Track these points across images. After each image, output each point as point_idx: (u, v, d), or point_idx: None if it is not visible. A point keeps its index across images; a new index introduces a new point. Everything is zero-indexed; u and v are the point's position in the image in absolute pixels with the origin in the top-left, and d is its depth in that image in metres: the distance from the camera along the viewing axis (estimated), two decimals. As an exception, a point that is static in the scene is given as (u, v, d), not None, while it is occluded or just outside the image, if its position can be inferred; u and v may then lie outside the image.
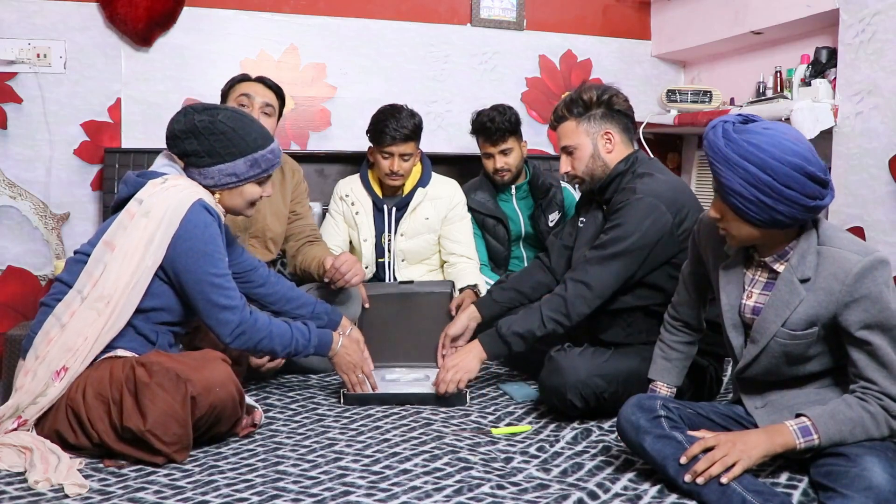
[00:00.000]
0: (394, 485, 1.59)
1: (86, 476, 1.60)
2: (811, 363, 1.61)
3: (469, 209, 2.97)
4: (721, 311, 1.69)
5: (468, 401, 2.17)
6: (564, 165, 2.17)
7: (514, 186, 3.04)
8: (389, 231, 2.84)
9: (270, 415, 2.04)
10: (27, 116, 2.91)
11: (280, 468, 1.68)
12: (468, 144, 3.38)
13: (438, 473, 1.66)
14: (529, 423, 2.00)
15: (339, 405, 2.15)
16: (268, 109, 2.49)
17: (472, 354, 2.11)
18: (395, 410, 2.10)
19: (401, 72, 3.40)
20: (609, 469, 1.69)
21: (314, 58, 3.30)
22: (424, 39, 3.43)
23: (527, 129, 3.02)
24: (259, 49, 3.21)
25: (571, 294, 2.02)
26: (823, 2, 2.67)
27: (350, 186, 2.88)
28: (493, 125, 2.83)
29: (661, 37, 3.71)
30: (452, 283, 2.64)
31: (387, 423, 1.99)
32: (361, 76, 3.35)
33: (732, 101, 3.27)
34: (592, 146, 2.12)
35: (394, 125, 2.69)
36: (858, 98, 2.51)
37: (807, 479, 1.58)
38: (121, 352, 1.77)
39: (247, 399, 1.88)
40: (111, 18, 2.96)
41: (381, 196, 2.87)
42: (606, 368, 1.98)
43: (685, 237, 2.00)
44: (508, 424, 2.00)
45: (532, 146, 3.14)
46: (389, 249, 2.85)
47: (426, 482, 1.61)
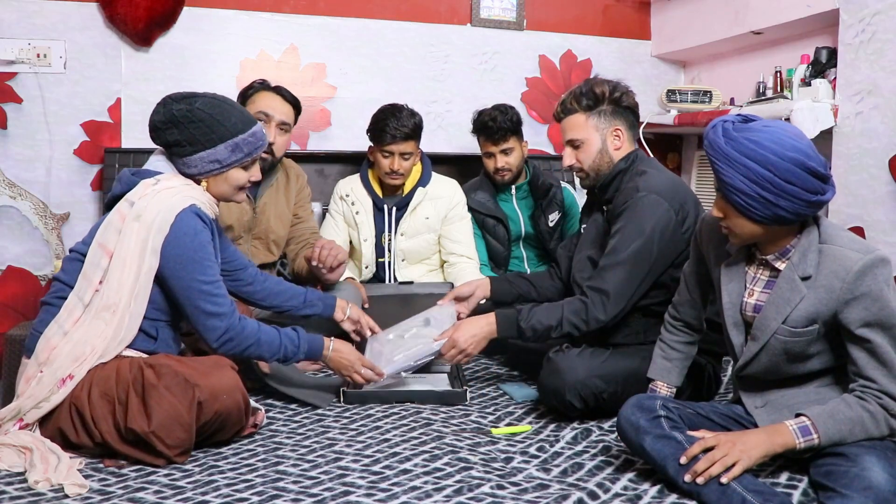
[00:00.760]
0: (394, 485, 1.59)
1: (86, 476, 1.60)
2: (811, 361, 1.61)
3: (469, 209, 2.97)
4: (722, 310, 1.69)
5: (468, 399, 2.17)
6: (569, 158, 2.15)
7: (515, 186, 3.04)
8: (389, 231, 2.84)
9: (270, 415, 2.04)
10: (27, 116, 2.91)
11: (280, 468, 1.68)
12: (468, 144, 3.38)
13: (438, 473, 1.66)
14: (529, 423, 2.00)
15: (340, 405, 2.15)
16: (284, 127, 2.50)
17: (486, 331, 2.08)
18: (395, 410, 2.10)
19: (401, 72, 3.40)
20: (609, 469, 1.69)
21: (314, 58, 3.30)
22: (424, 39, 3.43)
23: (527, 129, 3.02)
24: (259, 49, 3.21)
25: (591, 301, 2.01)
26: (823, 2, 2.67)
27: (350, 186, 2.89)
28: (495, 124, 2.84)
29: (661, 37, 3.71)
30: (452, 285, 2.64)
31: (387, 423, 1.99)
32: (361, 76, 3.35)
33: (732, 101, 3.27)
34: (601, 142, 2.11)
35: (394, 124, 2.70)
36: (858, 98, 2.51)
37: (807, 479, 1.58)
38: (126, 351, 1.77)
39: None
40: (111, 18, 2.96)
41: (382, 196, 2.87)
42: (605, 369, 1.97)
43: (688, 235, 2.00)
44: (508, 424, 2.00)
45: (532, 146, 3.14)
46: (389, 249, 2.85)
47: (426, 482, 1.61)
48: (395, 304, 2.55)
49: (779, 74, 2.94)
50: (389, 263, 2.86)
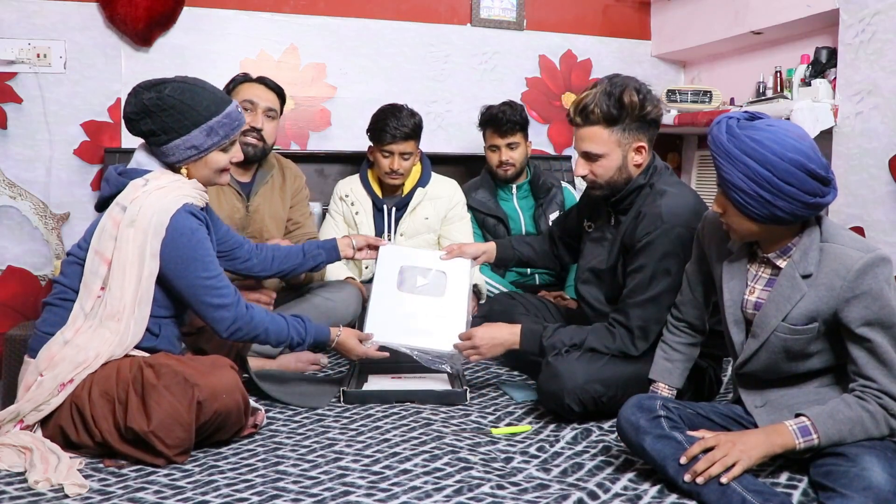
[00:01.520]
0: (394, 485, 1.59)
1: (86, 476, 1.60)
2: (811, 360, 1.61)
3: (469, 208, 2.98)
4: (723, 307, 1.70)
5: (468, 399, 2.17)
6: (582, 169, 2.02)
7: (515, 186, 3.04)
8: (389, 231, 2.84)
9: (270, 415, 2.04)
10: (27, 116, 2.91)
11: (280, 468, 1.68)
12: (468, 144, 3.38)
13: (438, 473, 1.66)
14: (529, 423, 1.99)
15: (340, 405, 2.15)
16: (271, 113, 2.49)
17: (508, 341, 2.10)
18: (395, 410, 2.10)
19: (401, 72, 3.40)
20: (609, 469, 1.69)
21: (314, 58, 3.30)
22: (424, 39, 3.43)
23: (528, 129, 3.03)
24: (259, 49, 3.21)
25: (618, 334, 2.00)
26: (823, 2, 2.67)
27: (350, 186, 2.89)
28: (504, 116, 2.90)
29: (661, 37, 3.71)
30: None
31: (387, 423, 1.99)
32: (361, 76, 3.35)
33: (732, 101, 3.27)
34: (621, 158, 1.99)
35: (394, 124, 2.71)
36: (858, 98, 2.51)
37: (807, 479, 1.58)
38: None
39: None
40: (111, 18, 2.96)
41: (381, 196, 2.87)
42: (604, 373, 1.96)
43: None
44: (508, 424, 2.00)
45: (532, 146, 3.14)
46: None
47: (426, 482, 1.61)
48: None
49: (779, 74, 2.94)
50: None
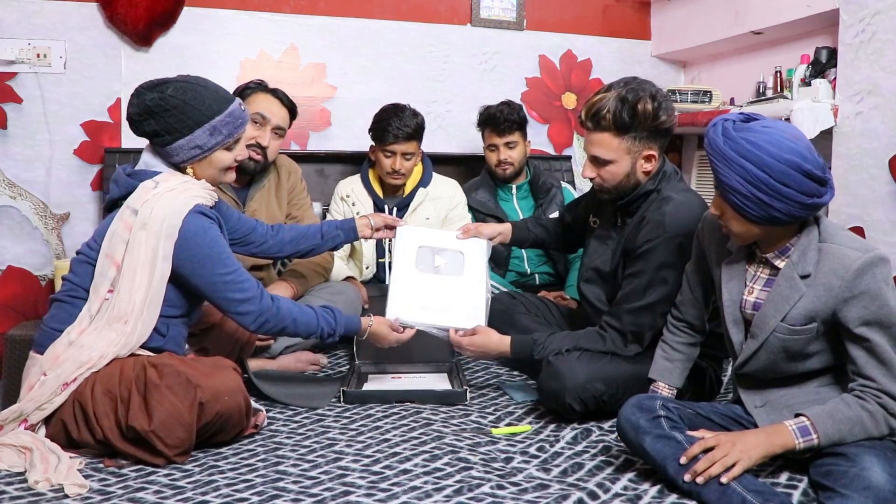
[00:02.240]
0: (394, 485, 1.59)
1: (86, 476, 1.60)
2: (810, 360, 1.61)
3: (469, 208, 2.98)
4: (722, 307, 1.70)
5: (468, 399, 2.17)
6: (590, 172, 2.02)
7: (515, 186, 3.04)
8: (389, 231, 2.84)
9: (270, 415, 2.04)
10: (27, 116, 2.91)
11: (280, 468, 1.68)
12: (468, 144, 3.38)
13: (438, 473, 1.66)
14: (529, 423, 1.99)
15: (340, 405, 2.15)
16: (279, 132, 2.47)
17: (494, 353, 2.14)
18: (395, 410, 2.10)
19: (401, 72, 3.40)
20: (609, 469, 1.69)
21: (314, 58, 3.30)
22: (424, 39, 3.43)
23: (527, 129, 3.03)
24: (259, 49, 3.21)
25: (609, 337, 2.02)
26: (823, 2, 2.67)
27: (351, 187, 2.89)
28: (502, 116, 2.91)
29: (661, 37, 3.71)
30: None
31: (387, 423, 1.99)
32: (361, 76, 3.35)
33: (732, 101, 3.27)
34: (630, 165, 1.98)
35: (397, 124, 2.71)
36: (858, 98, 2.51)
37: (807, 479, 1.58)
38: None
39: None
40: (111, 18, 2.96)
41: (382, 196, 2.87)
42: (605, 372, 1.96)
43: None
44: (508, 424, 2.00)
45: (532, 146, 3.14)
46: (390, 250, 2.85)
47: (426, 482, 1.61)
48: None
49: (779, 74, 2.94)
50: (390, 263, 2.86)
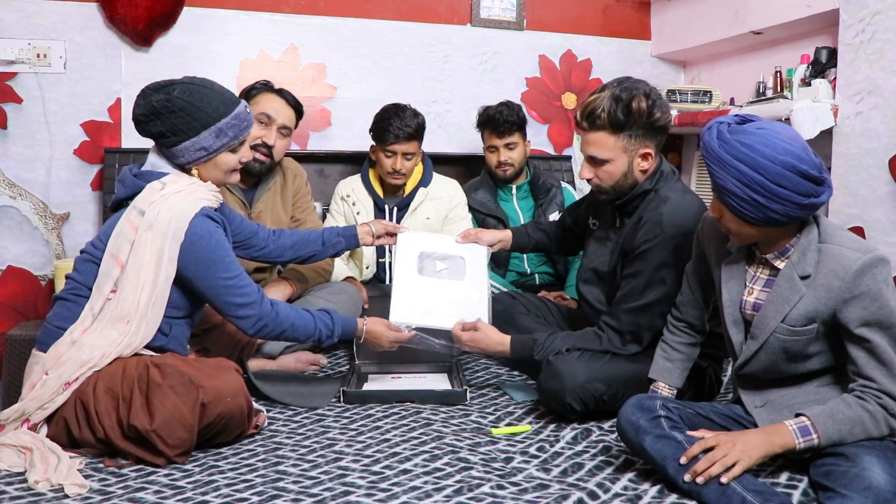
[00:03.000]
0: (394, 485, 1.60)
1: (86, 476, 1.60)
2: (810, 361, 1.61)
3: (470, 208, 2.98)
4: (722, 308, 1.70)
5: (468, 399, 2.17)
6: (588, 172, 2.03)
7: (515, 186, 3.04)
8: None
9: (270, 415, 2.04)
10: (27, 116, 2.91)
11: (280, 468, 1.68)
12: (468, 144, 3.38)
13: (438, 473, 1.66)
14: (529, 423, 1.99)
15: (340, 405, 2.15)
16: (284, 131, 2.48)
17: (494, 350, 2.14)
18: (395, 410, 2.10)
19: (401, 72, 3.40)
20: (609, 469, 1.69)
21: (314, 58, 3.30)
22: (424, 39, 3.43)
23: (527, 129, 3.02)
24: (259, 49, 3.21)
25: (607, 337, 2.03)
26: (823, 2, 2.67)
27: (351, 187, 2.89)
28: (501, 117, 2.91)
29: (661, 37, 3.71)
30: None
31: (387, 423, 1.99)
32: (361, 76, 3.35)
33: (732, 101, 3.27)
34: (627, 164, 1.98)
35: (397, 124, 2.71)
36: (858, 98, 2.51)
37: (807, 479, 1.58)
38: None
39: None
40: (111, 18, 2.96)
41: (383, 196, 2.87)
42: (605, 372, 1.96)
43: None
44: (508, 424, 2.00)
45: (532, 146, 3.14)
46: (390, 249, 2.85)
47: (426, 482, 1.61)
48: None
49: (779, 74, 2.94)
50: (390, 264, 2.86)
